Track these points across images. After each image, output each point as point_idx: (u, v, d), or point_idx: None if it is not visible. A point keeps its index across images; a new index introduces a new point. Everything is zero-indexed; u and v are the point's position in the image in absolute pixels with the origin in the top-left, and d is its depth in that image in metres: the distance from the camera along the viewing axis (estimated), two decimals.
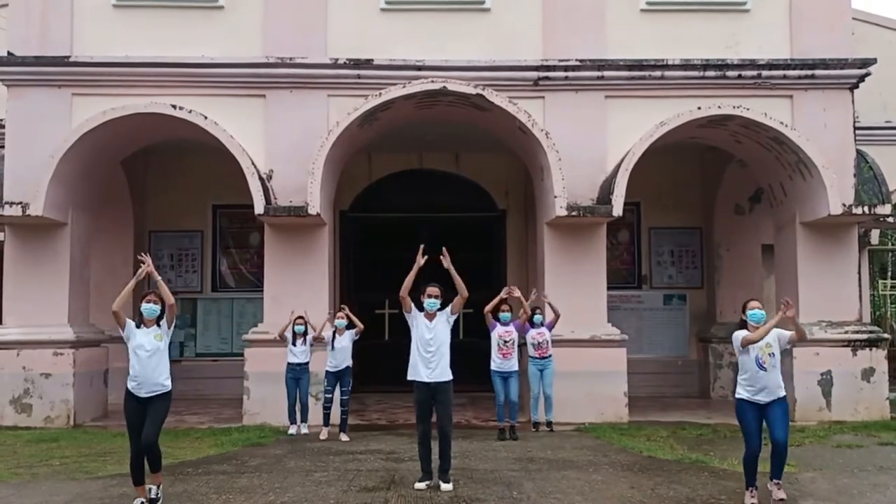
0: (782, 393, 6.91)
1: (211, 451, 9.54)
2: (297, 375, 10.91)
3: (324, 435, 10.49)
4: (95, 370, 12.42)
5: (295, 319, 10.90)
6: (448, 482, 7.41)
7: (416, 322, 7.63)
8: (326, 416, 10.71)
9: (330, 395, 10.71)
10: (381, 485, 7.62)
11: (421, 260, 7.72)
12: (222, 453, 9.43)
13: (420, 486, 7.37)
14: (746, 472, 6.99)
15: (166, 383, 6.81)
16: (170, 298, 6.81)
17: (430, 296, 7.70)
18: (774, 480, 6.99)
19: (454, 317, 7.77)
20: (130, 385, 6.75)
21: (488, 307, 10.60)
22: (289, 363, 10.90)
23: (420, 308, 7.72)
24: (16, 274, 11.84)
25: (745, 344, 6.81)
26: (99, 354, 12.54)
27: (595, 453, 9.32)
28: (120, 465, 8.54)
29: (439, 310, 7.72)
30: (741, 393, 6.96)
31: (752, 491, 6.94)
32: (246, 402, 11.69)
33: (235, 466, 8.59)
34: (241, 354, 12.04)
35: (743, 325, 7.02)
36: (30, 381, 11.56)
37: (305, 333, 10.90)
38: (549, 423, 11.11)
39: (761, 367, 6.80)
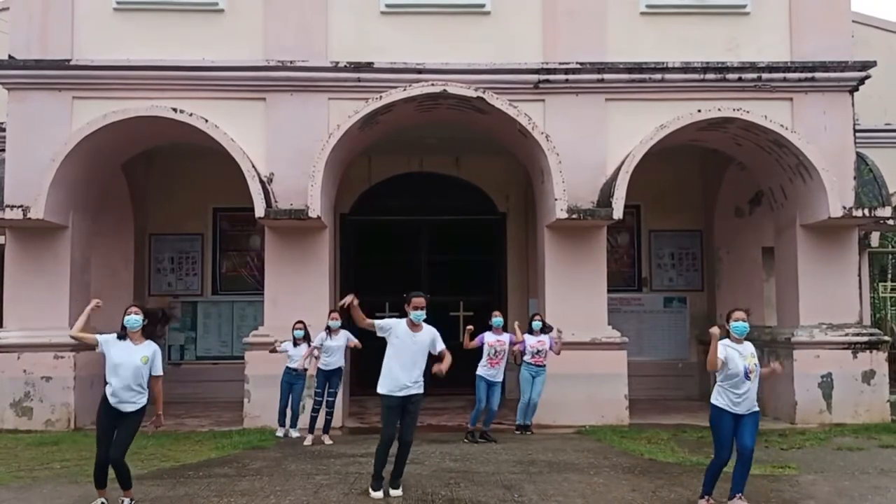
0: (757, 407, 6.89)
1: (212, 454, 9.54)
2: (291, 380, 10.94)
3: (308, 441, 10.39)
4: (96, 373, 12.34)
5: (295, 324, 10.91)
6: (398, 487, 7.35)
7: (396, 332, 7.30)
8: (313, 420, 10.59)
9: (320, 399, 10.58)
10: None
11: (349, 300, 7.25)
12: (223, 456, 9.44)
13: (377, 495, 7.23)
14: (708, 480, 6.90)
15: (142, 400, 6.84)
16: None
17: (416, 307, 7.29)
18: (738, 495, 6.79)
19: (436, 348, 7.45)
20: (109, 397, 6.76)
21: (467, 345, 10.68)
22: (287, 367, 10.92)
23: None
24: (16, 277, 11.84)
25: (709, 367, 6.85)
26: (99, 358, 12.37)
27: (596, 456, 9.32)
28: None
29: (425, 321, 7.44)
30: (719, 401, 6.86)
31: (707, 499, 6.88)
32: (246, 405, 11.68)
33: (236, 469, 8.59)
34: (242, 357, 12.03)
35: (728, 333, 6.94)
36: (30, 384, 11.56)
37: (305, 338, 10.90)
38: (526, 426, 11.11)
39: (747, 376, 6.76)
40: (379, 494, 7.24)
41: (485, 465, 8.80)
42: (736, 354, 6.80)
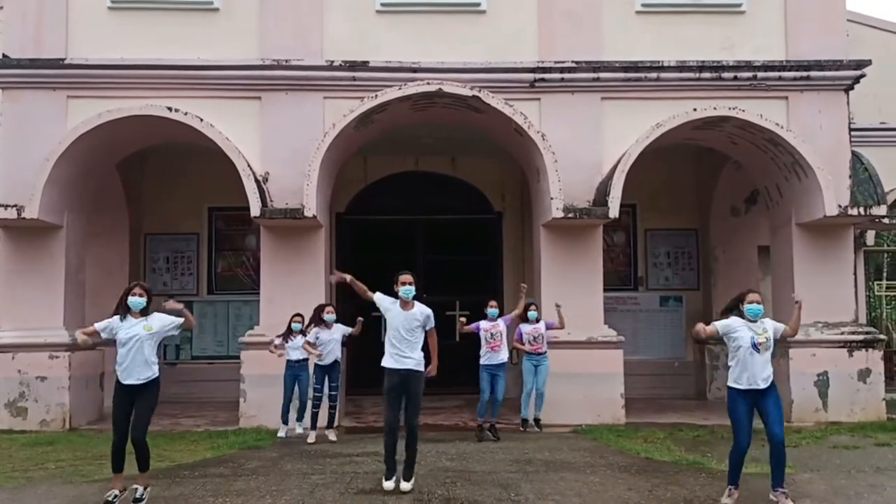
0: (772, 379, 6.69)
1: (207, 454, 9.51)
2: (295, 373, 10.82)
3: (311, 438, 10.37)
4: (91, 373, 12.38)
5: (293, 317, 10.87)
6: (409, 480, 7.37)
7: (391, 310, 7.51)
8: (315, 416, 10.58)
9: (319, 394, 10.58)
10: (378, 487, 7.58)
11: (346, 278, 7.68)
12: (219, 456, 9.41)
13: (387, 485, 7.34)
14: (732, 469, 6.78)
15: (154, 369, 6.95)
16: (190, 323, 7.32)
17: (404, 283, 7.49)
18: (780, 489, 6.68)
19: (428, 325, 7.61)
20: (118, 372, 6.90)
21: (461, 329, 10.67)
22: (288, 360, 10.83)
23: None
24: (11, 277, 11.80)
25: (695, 335, 6.80)
26: (95, 357, 12.49)
27: (592, 455, 9.32)
28: None
29: (415, 298, 7.60)
30: (732, 382, 6.77)
31: (730, 490, 6.79)
32: (242, 405, 11.65)
33: (232, 469, 8.56)
34: (238, 357, 11.99)
35: (730, 314, 6.91)
36: (25, 384, 11.52)
37: (303, 332, 10.85)
38: (537, 421, 11.10)
39: (756, 347, 6.62)
40: (389, 484, 7.33)
41: (481, 464, 8.79)
42: (743, 327, 6.72)
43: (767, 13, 12.36)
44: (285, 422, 10.93)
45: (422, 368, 7.49)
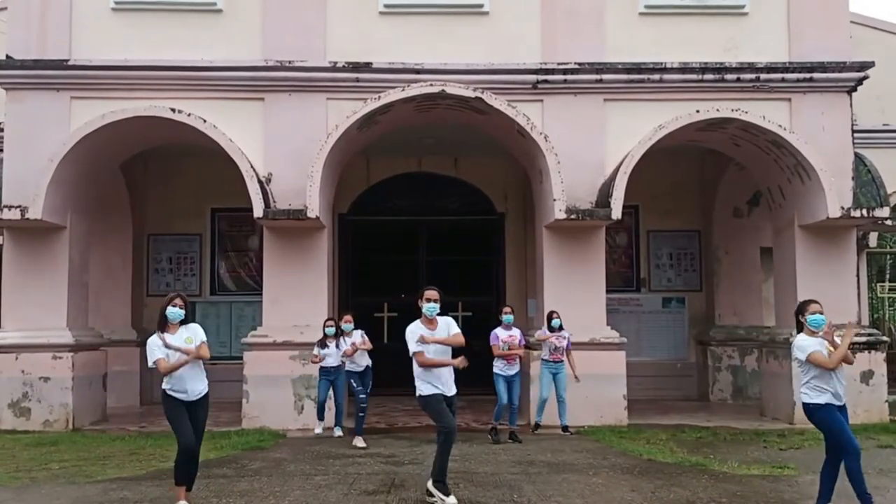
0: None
1: (210, 455, 9.49)
2: (331, 378, 10.86)
3: (360, 443, 10.08)
4: (94, 374, 12.39)
5: (325, 321, 10.91)
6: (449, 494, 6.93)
7: (418, 338, 7.07)
8: (360, 420, 10.44)
9: (363, 396, 10.50)
10: (381, 488, 7.61)
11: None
12: (222, 457, 9.41)
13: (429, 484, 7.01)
14: (831, 485, 6.42)
15: (206, 380, 6.91)
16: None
17: (428, 300, 7.16)
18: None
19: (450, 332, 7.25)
20: (174, 394, 6.69)
21: (497, 353, 10.49)
22: (321, 367, 10.82)
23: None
24: (15, 277, 11.82)
25: (817, 364, 6.33)
26: (98, 358, 12.51)
27: (595, 456, 9.32)
28: (119, 468, 8.55)
29: (440, 314, 7.31)
30: (818, 398, 6.37)
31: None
32: (245, 406, 11.66)
33: (235, 470, 8.58)
34: (240, 358, 12.02)
35: (800, 327, 6.64)
36: (28, 384, 11.53)
37: (337, 335, 10.81)
38: (565, 427, 11.10)
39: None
40: (434, 493, 6.98)
41: (484, 465, 8.80)
42: (816, 343, 6.45)
43: (770, 14, 12.35)
44: (321, 419, 11.04)
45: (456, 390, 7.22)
